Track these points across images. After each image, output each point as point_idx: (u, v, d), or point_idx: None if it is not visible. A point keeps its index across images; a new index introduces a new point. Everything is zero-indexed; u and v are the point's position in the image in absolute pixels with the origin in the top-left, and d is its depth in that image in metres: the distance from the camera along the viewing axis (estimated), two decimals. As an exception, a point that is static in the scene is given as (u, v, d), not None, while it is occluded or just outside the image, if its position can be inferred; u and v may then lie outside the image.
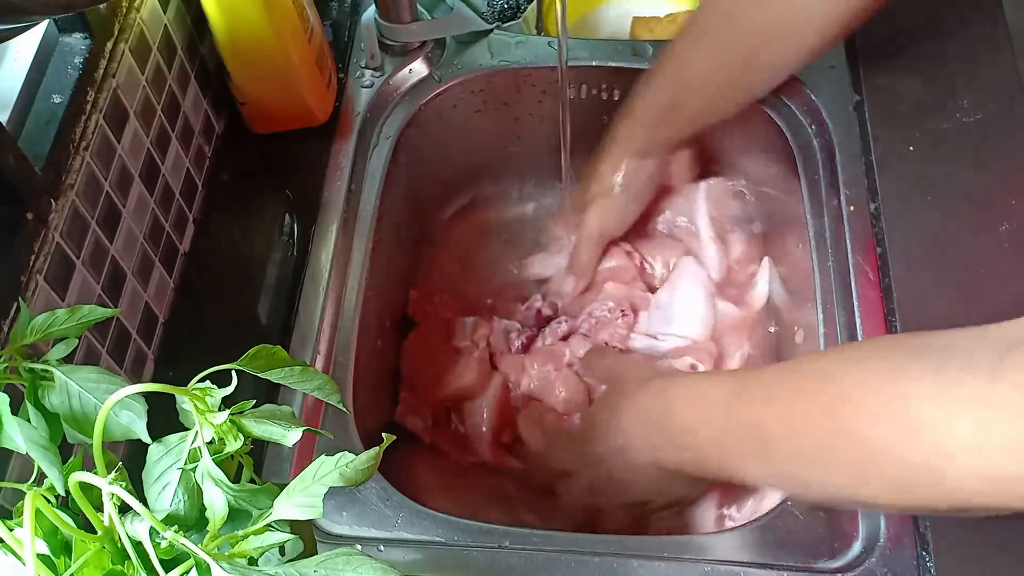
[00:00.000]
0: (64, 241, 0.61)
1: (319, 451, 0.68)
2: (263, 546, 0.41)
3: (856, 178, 0.79)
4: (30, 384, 0.43)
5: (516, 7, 0.96)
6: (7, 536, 0.40)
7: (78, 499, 0.41)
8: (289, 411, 0.45)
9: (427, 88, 0.90)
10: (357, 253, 0.80)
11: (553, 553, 0.64)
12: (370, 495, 0.67)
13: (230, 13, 0.75)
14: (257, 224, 0.81)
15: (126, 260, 0.69)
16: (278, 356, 0.46)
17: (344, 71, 0.90)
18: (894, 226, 0.75)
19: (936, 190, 0.76)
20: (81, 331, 0.46)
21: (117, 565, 0.42)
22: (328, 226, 0.81)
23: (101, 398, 0.42)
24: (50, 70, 0.64)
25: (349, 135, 0.86)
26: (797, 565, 0.63)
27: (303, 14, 0.81)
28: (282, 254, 0.79)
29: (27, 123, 0.62)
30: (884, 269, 0.74)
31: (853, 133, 0.82)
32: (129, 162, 0.70)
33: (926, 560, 0.62)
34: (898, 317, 0.71)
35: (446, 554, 0.65)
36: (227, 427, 0.43)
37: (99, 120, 0.65)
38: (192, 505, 0.43)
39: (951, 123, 0.80)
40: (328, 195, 0.82)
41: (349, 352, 0.75)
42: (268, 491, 0.43)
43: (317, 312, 0.76)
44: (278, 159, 0.85)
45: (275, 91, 0.82)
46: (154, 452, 0.43)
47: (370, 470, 0.43)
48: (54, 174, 0.60)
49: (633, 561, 0.63)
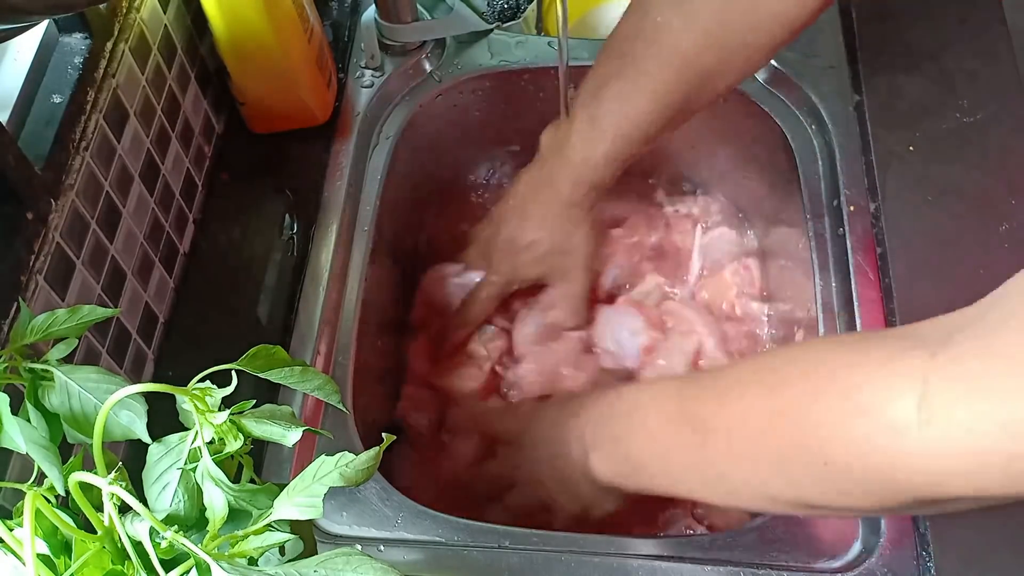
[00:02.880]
0: (64, 241, 0.61)
1: (319, 451, 0.68)
2: (263, 546, 0.41)
3: (856, 178, 0.80)
4: (30, 384, 0.43)
5: (516, 7, 0.96)
6: (7, 536, 0.40)
7: (78, 499, 0.41)
8: (289, 411, 0.45)
9: (427, 88, 0.90)
10: (357, 253, 0.80)
11: (553, 553, 0.64)
12: (370, 495, 0.67)
13: (230, 13, 0.75)
14: (257, 224, 0.81)
15: (126, 260, 0.69)
16: (278, 356, 0.46)
17: (344, 71, 0.90)
18: (894, 226, 0.75)
19: (936, 190, 0.77)
20: (81, 331, 0.46)
21: (117, 565, 0.42)
22: (328, 226, 0.81)
23: (101, 398, 0.42)
24: (50, 70, 0.64)
25: (349, 135, 0.86)
26: (797, 565, 0.64)
27: (303, 14, 0.81)
28: (282, 254, 0.79)
29: (27, 123, 0.62)
30: (884, 269, 0.74)
31: (853, 133, 0.82)
32: (129, 162, 0.70)
33: (926, 560, 0.62)
34: (898, 317, 0.71)
35: (446, 554, 0.65)
36: (227, 427, 0.43)
37: (99, 120, 0.65)
38: (192, 505, 0.43)
39: (951, 123, 0.80)
40: (328, 195, 0.82)
41: (349, 352, 0.75)
42: (268, 491, 0.43)
43: (317, 312, 0.76)
44: (278, 159, 0.85)
45: (275, 91, 0.82)
46: (154, 452, 0.43)
47: (370, 470, 0.43)
48: (54, 174, 0.60)
49: (633, 561, 0.63)
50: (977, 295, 0.71)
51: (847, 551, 0.64)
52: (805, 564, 0.64)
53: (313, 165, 0.84)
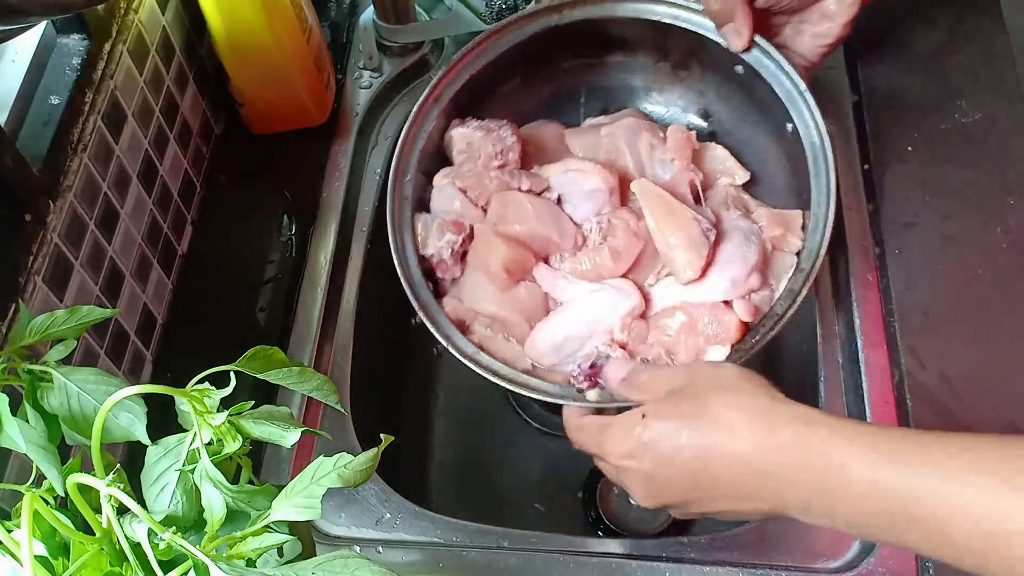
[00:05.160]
0: (62, 242, 0.60)
1: (318, 452, 0.68)
2: (261, 547, 0.41)
3: (855, 178, 0.80)
4: (29, 385, 0.43)
5: (514, 7, 0.96)
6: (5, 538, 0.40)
7: (76, 501, 0.41)
8: (287, 412, 0.45)
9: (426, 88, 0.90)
10: (356, 254, 0.80)
11: (552, 554, 0.64)
12: (369, 496, 0.67)
13: (228, 15, 0.75)
14: (255, 225, 0.81)
15: (124, 261, 0.69)
16: (276, 357, 0.46)
17: (343, 72, 0.90)
18: (892, 226, 0.75)
19: (935, 190, 0.77)
20: (80, 332, 0.46)
21: (115, 566, 0.42)
22: (327, 227, 0.81)
23: (100, 399, 0.42)
24: (48, 71, 0.64)
25: (347, 136, 0.86)
26: (797, 565, 0.64)
27: (301, 15, 0.81)
28: (280, 255, 0.79)
29: (25, 124, 0.62)
30: (883, 270, 0.74)
31: (852, 133, 0.82)
32: (127, 163, 0.69)
33: (925, 560, 0.62)
34: (896, 318, 0.71)
35: (445, 555, 0.65)
36: (226, 428, 0.43)
37: (97, 121, 0.65)
38: (191, 506, 0.43)
39: (950, 123, 0.80)
40: (327, 196, 0.82)
41: (347, 353, 0.75)
42: (266, 492, 0.43)
43: (315, 313, 0.76)
44: (276, 160, 0.85)
45: (273, 92, 0.82)
46: (153, 453, 0.43)
47: (368, 471, 0.43)
48: (52, 175, 0.60)
49: (632, 562, 0.63)
50: (975, 295, 0.71)
51: (846, 551, 0.64)
52: (804, 564, 0.64)
53: (311, 166, 0.84)
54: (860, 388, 0.70)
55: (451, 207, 0.75)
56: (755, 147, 0.83)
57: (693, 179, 0.77)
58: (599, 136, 0.81)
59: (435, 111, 0.76)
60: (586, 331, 0.72)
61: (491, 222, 0.75)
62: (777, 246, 0.75)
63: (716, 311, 0.70)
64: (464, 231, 0.74)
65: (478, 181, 0.75)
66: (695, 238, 0.72)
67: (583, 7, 0.77)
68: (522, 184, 0.76)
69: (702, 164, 0.80)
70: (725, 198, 0.79)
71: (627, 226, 0.74)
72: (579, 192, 0.76)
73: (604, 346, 0.71)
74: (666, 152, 0.79)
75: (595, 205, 0.76)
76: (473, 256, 0.74)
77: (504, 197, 0.75)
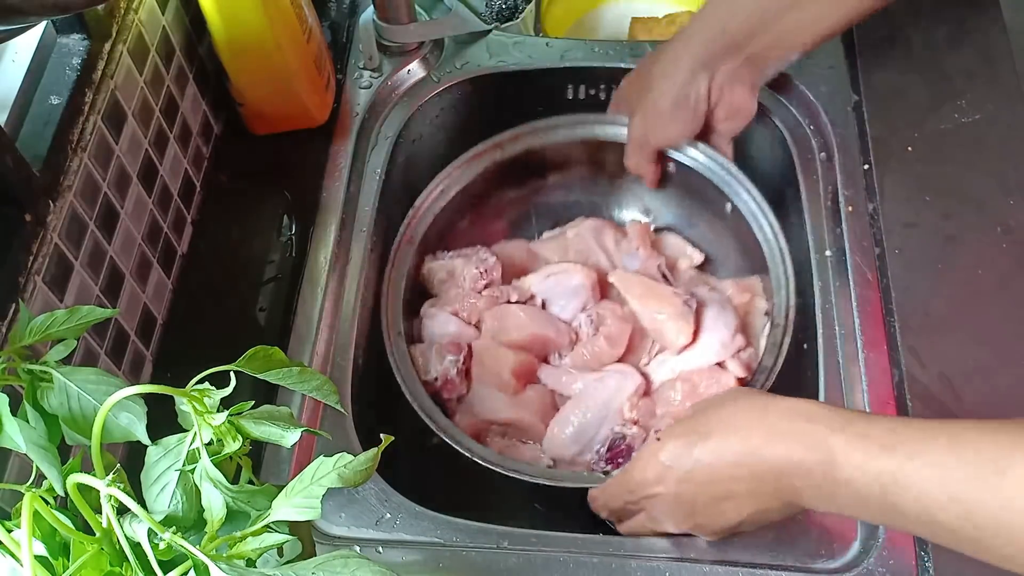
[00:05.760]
0: (62, 242, 0.60)
1: (318, 452, 0.68)
2: (261, 547, 0.41)
3: (855, 178, 0.80)
4: (29, 385, 0.43)
5: (514, 8, 0.96)
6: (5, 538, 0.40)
7: (76, 501, 0.41)
8: (287, 412, 0.45)
9: (425, 89, 0.90)
10: (356, 254, 0.80)
11: (552, 553, 0.64)
12: (369, 496, 0.67)
13: (228, 15, 0.75)
14: (255, 225, 0.81)
15: (124, 261, 0.69)
16: (276, 357, 0.46)
17: (342, 72, 0.90)
18: (893, 226, 0.75)
19: (934, 190, 0.77)
20: (80, 332, 0.46)
21: (115, 567, 0.42)
22: (327, 227, 0.81)
23: (100, 399, 0.42)
24: (48, 71, 0.64)
25: (347, 136, 0.86)
26: (796, 565, 0.64)
27: (301, 15, 0.81)
28: (280, 255, 0.79)
29: (25, 124, 0.62)
30: (883, 269, 0.74)
31: (852, 133, 0.82)
32: (127, 163, 0.69)
33: (925, 560, 0.62)
34: (896, 318, 0.71)
35: (445, 555, 0.65)
36: (226, 428, 0.43)
37: (97, 121, 0.65)
38: (191, 506, 0.43)
39: (950, 123, 0.80)
40: (327, 196, 0.82)
41: (347, 353, 0.75)
42: (266, 492, 0.43)
43: (315, 313, 0.76)
44: (277, 160, 0.85)
45: (273, 92, 0.82)
46: (153, 453, 0.43)
47: (368, 471, 0.43)
48: (52, 175, 0.60)
49: (632, 562, 0.63)
50: (975, 295, 0.71)
51: (846, 551, 0.64)
52: (804, 564, 0.64)
53: (311, 166, 0.84)
54: (860, 388, 0.70)
55: (446, 330, 0.82)
56: (701, 230, 0.92)
57: (659, 263, 0.86)
58: (566, 240, 0.91)
59: (410, 251, 0.84)
60: (599, 416, 0.78)
61: (489, 336, 0.82)
62: (747, 310, 0.83)
63: (713, 373, 0.78)
64: (463, 350, 0.80)
65: (467, 302, 0.83)
66: (679, 308, 0.79)
67: (523, 139, 0.88)
68: (511, 296, 0.84)
69: (661, 251, 0.90)
70: (690, 278, 0.88)
71: (614, 313, 0.82)
72: (563, 292, 0.85)
73: (618, 427, 0.77)
74: (631, 242, 0.88)
75: (580, 300, 0.84)
76: (479, 370, 0.80)
77: (498, 311, 0.83)
